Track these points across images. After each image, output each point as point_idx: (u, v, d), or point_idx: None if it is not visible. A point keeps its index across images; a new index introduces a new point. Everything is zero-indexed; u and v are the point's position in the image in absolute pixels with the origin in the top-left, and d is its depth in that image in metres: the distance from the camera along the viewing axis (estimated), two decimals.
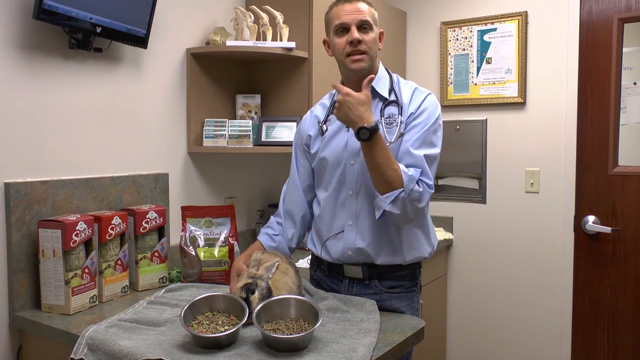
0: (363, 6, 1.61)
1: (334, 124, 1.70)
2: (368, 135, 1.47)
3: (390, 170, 1.50)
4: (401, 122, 1.61)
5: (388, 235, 1.63)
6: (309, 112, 1.83)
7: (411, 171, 1.52)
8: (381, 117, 1.63)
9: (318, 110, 1.79)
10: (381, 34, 1.67)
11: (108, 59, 1.98)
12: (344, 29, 1.61)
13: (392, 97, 1.65)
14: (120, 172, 2.04)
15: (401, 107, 1.63)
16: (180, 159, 2.30)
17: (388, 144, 1.56)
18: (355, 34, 1.58)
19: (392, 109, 1.64)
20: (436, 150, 1.61)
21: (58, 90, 1.83)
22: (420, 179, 1.53)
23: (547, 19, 2.72)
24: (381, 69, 1.71)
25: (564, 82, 2.68)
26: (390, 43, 2.95)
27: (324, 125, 1.72)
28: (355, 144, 1.60)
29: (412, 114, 1.61)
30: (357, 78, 1.61)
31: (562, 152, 2.71)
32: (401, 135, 1.59)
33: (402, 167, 1.52)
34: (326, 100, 1.80)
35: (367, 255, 1.64)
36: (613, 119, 2.60)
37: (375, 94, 1.65)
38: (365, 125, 1.47)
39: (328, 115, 1.74)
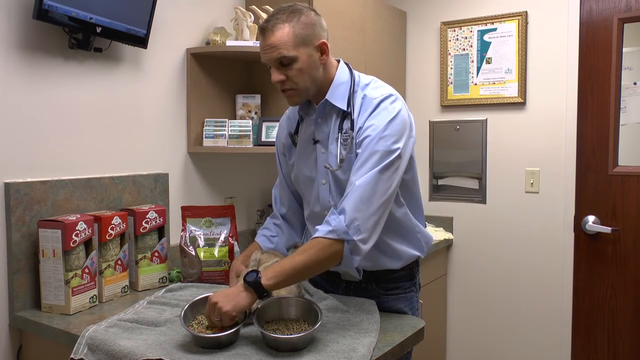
0: (279, 36, 1.42)
1: (304, 135, 1.62)
2: (261, 293, 1.34)
3: (314, 266, 1.39)
4: (352, 139, 1.48)
5: (375, 247, 1.51)
6: (284, 116, 1.75)
7: (333, 225, 1.38)
8: (339, 132, 1.50)
9: (291, 114, 1.71)
10: (322, 45, 1.47)
11: (108, 59, 1.98)
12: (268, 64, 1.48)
13: (350, 108, 1.51)
14: (120, 172, 2.04)
15: (352, 121, 1.49)
16: (180, 159, 2.30)
17: (338, 164, 1.48)
18: (274, 75, 1.46)
19: (348, 123, 1.50)
20: (380, 167, 1.40)
21: (58, 90, 1.83)
22: (348, 224, 1.38)
23: (547, 19, 2.72)
24: (340, 72, 1.54)
25: (564, 82, 2.68)
26: (391, 43, 2.95)
27: (296, 136, 1.65)
28: (322, 163, 1.55)
29: (360, 128, 1.47)
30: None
31: (562, 152, 2.71)
32: (356, 153, 1.46)
33: (319, 235, 1.39)
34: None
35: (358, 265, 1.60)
36: (613, 119, 2.60)
37: (332, 107, 1.53)
38: (248, 302, 1.34)
39: (298, 125, 1.65)
